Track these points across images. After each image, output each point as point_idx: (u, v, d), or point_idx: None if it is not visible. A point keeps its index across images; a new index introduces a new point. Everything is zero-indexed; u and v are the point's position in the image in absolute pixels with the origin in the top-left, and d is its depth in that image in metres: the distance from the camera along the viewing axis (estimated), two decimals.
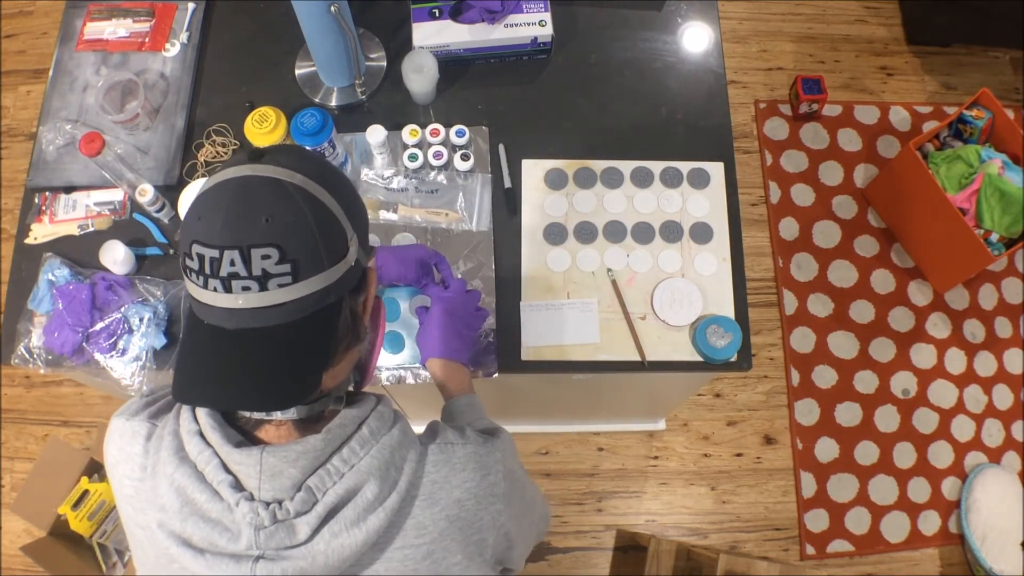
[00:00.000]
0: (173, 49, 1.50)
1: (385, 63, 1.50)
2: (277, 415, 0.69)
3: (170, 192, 1.39)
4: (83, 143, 1.25)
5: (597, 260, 1.38)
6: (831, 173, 2.47)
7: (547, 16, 1.46)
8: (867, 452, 2.19)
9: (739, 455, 2.20)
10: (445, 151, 1.41)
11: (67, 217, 1.39)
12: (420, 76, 1.39)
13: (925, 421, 2.22)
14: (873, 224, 2.41)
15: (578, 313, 1.34)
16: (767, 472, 2.18)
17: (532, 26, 1.45)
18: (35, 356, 1.30)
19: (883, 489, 2.16)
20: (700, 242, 1.39)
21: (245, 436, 0.70)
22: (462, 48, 1.47)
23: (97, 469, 2.01)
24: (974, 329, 2.31)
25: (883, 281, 2.35)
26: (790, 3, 2.71)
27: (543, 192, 1.42)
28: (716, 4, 1.57)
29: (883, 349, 2.28)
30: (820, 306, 2.32)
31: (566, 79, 1.51)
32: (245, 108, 1.43)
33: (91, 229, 1.38)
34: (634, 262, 1.37)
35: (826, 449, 2.19)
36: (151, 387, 0.80)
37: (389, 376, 1.30)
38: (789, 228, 2.40)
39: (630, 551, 2.10)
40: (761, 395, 2.25)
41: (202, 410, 0.70)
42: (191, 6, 1.54)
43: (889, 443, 2.20)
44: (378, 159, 1.41)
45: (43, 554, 1.88)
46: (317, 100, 1.47)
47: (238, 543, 0.66)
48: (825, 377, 2.25)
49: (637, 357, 1.32)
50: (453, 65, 1.49)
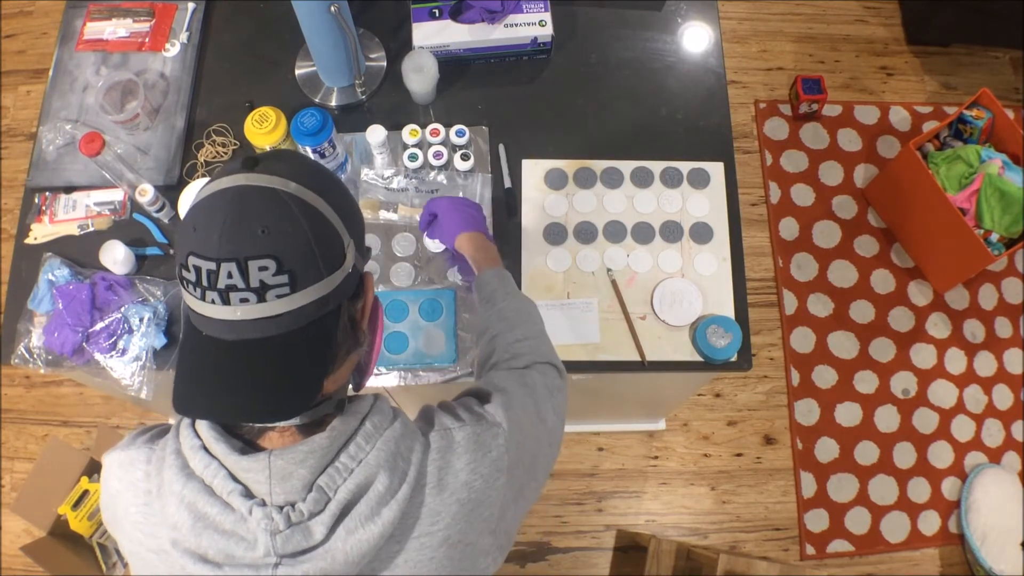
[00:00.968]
0: (173, 49, 1.50)
1: (385, 63, 1.50)
2: (279, 423, 0.69)
3: (170, 192, 1.39)
4: (83, 143, 1.25)
5: (597, 260, 1.38)
6: (831, 173, 2.47)
7: (547, 16, 1.46)
8: (867, 452, 2.19)
9: (739, 455, 2.20)
10: (445, 151, 1.41)
11: (67, 217, 1.39)
12: (420, 76, 1.39)
13: (925, 421, 2.22)
14: (873, 224, 2.41)
15: (578, 313, 1.34)
16: (767, 472, 2.18)
17: (532, 26, 1.45)
18: (35, 356, 1.30)
19: (883, 489, 2.16)
20: (700, 242, 1.39)
21: (249, 445, 0.70)
22: (462, 48, 1.47)
23: (97, 469, 2.01)
24: (974, 329, 2.31)
25: (883, 281, 2.35)
26: (790, 3, 2.71)
27: (543, 192, 1.42)
28: (716, 4, 1.57)
29: (883, 349, 2.28)
30: (820, 306, 2.32)
31: (566, 79, 1.51)
32: (245, 108, 1.43)
33: (91, 229, 1.38)
34: (634, 262, 1.37)
35: (826, 449, 2.19)
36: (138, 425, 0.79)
37: (397, 377, 1.30)
38: (789, 228, 2.40)
39: (630, 551, 2.10)
40: (761, 395, 2.25)
41: (203, 424, 0.70)
42: (191, 6, 1.54)
43: (889, 443, 2.20)
44: (378, 159, 1.41)
45: (43, 554, 1.88)
46: (317, 100, 1.47)
47: (255, 551, 0.66)
48: (825, 377, 2.25)
49: (637, 357, 1.32)
50: (453, 65, 1.49)
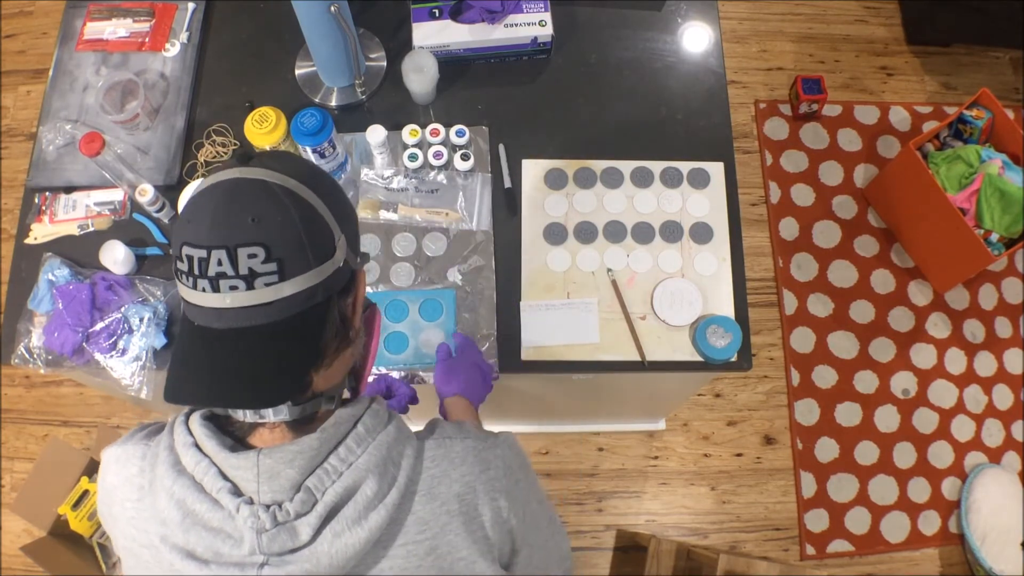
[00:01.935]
0: (173, 49, 1.50)
1: (385, 63, 1.50)
2: (269, 416, 0.69)
3: (170, 192, 1.39)
4: (83, 143, 1.25)
5: (597, 260, 1.38)
6: (831, 173, 2.47)
7: (547, 16, 1.46)
8: (867, 452, 2.19)
9: (739, 455, 2.20)
10: (445, 151, 1.41)
11: (67, 217, 1.39)
12: (420, 76, 1.39)
13: (925, 421, 2.22)
14: (873, 224, 2.41)
15: (578, 313, 1.34)
16: (767, 472, 2.18)
17: (532, 26, 1.45)
18: (35, 356, 1.30)
19: (883, 489, 2.16)
20: (700, 242, 1.39)
21: (239, 443, 0.70)
22: (462, 48, 1.47)
23: (97, 469, 2.01)
24: (974, 329, 2.31)
25: (883, 281, 2.35)
26: (790, 3, 2.71)
27: (543, 192, 1.42)
28: (716, 4, 1.57)
29: (883, 349, 2.28)
30: (820, 306, 2.32)
31: (566, 79, 1.51)
32: (245, 108, 1.43)
33: (91, 229, 1.38)
34: (634, 262, 1.37)
35: (826, 449, 2.19)
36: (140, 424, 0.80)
37: (397, 377, 1.30)
38: (789, 228, 2.40)
39: (630, 551, 2.10)
40: (761, 395, 2.25)
41: (196, 421, 0.70)
42: (191, 6, 1.54)
43: (889, 443, 2.20)
44: (378, 159, 1.41)
45: (43, 554, 1.87)
46: (317, 100, 1.47)
47: (242, 549, 0.66)
48: (825, 377, 2.25)
49: (637, 357, 1.32)
50: (453, 65, 1.49)
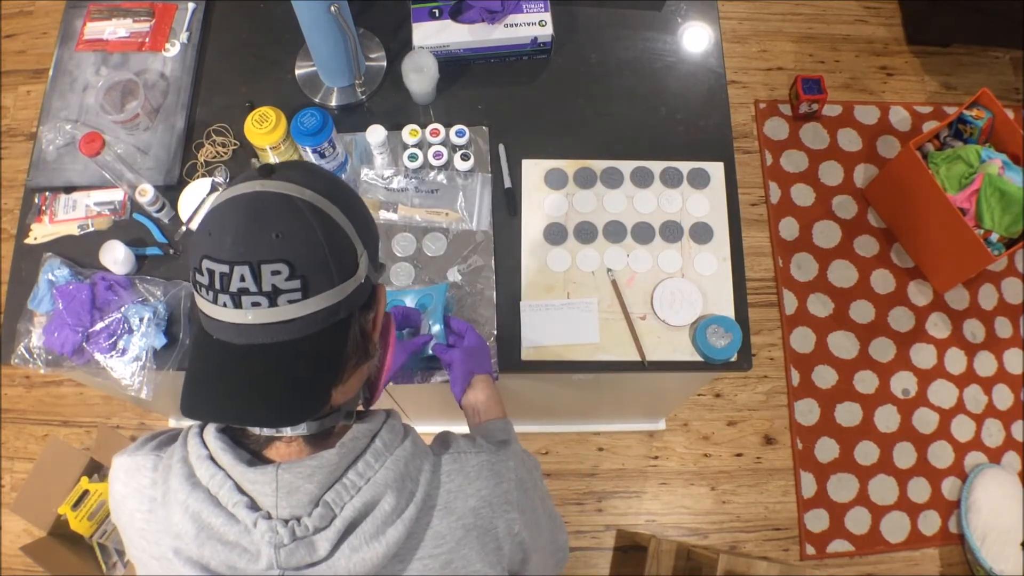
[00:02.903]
0: (173, 49, 1.50)
1: (385, 63, 1.50)
2: (287, 432, 0.69)
3: (170, 192, 1.39)
4: (83, 143, 1.25)
5: (597, 260, 1.38)
6: (831, 173, 2.47)
7: (547, 16, 1.46)
8: (867, 452, 2.19)
9: (739, 455, 2.20)
10: (445, 151, 1.41)
11: (67, 217, 1.39)
12: (420, 76, 1.39)
13: (925, 421, 2.22)
14: (873, 224, 2.41)
15: (578, 313, 1.34)
16: (767, 472, 2.18)
17: (532, 26, 1.45)
18: (35, 356, 1.30)
19: (883, 489, 2.16)
20: (700, 242, 1.39)
21: (255, 456, 0.70)
22: (462, 48, 1.47)
23: (97, 469, 2.01)
24: (974, 329, 2.31)
25: (883, 281, 2.35)
26: (790, 3, 2.71)
27: (543, 192, 1.42)
28: (716, 4, 1.57)
29: (883, 349, 2.28)
30: (820, 306, 2.32)
31: (566, 79, 1.51)
32: (245, 108, 1.43)
33: (91, 229, 1.38)
34: (634, 262, 1.37)
35: (826, 449, 2.19)
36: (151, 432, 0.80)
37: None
38: (789, 228, 2.40)
39: (630, 551, 2.10)
40: (761, 395, 2.25)
41: (211, 433, 0.70)
42: (191, 6, 1.54)
43: (889, 443, 2.20)
44: (378, 159, 1.41)
45: (43, 554, 1.87)
46: (317, 100, 1.47)
47: (258, 563, 0.66)
48: (825, 377, 2.25)
49: (637, 357, 1.32)
50: (453, 65, 1.49)
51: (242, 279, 0.63)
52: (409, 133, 1.42)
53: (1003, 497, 2.11)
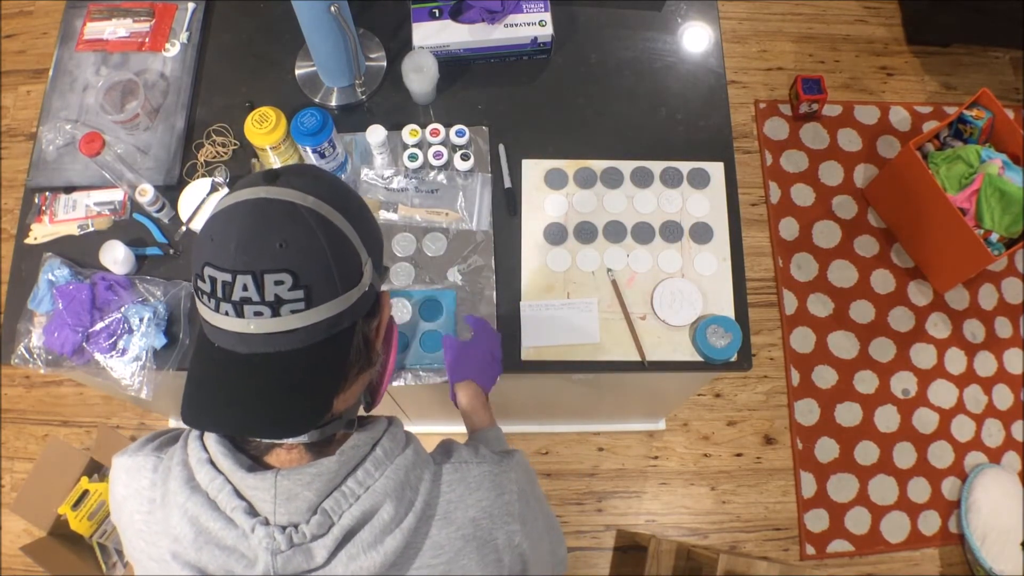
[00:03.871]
0: (173, 49, 1.50)
1: (385, 63, 1.50)
2: (288, 439, 0.68)
3: (170, 192, 1.39)
4: (83, 143, 1.25)
5: (597, 260, 1.37)
6: (831, 173, 2.47)
7: (547, 16, 1.46)
8: (867, 452, 2.19)
9: (739, 455, 2.20)
10: (445, 151, 1.41)
11: (67, 217, 1.39)
12: (420, 76, 1.39)
13: (925, 421, 2.22)
14: (873, 224, 2.41)
15: (578, 313, 1.34)
16: (767, 472, 2.18)
17: (532, 26, 1.45)
18: (35, 356, 1.30)
19: (883, 489, 2.16)
20: (700, 242, 1.39)
21: (255, 462, 0.69)
22: (462, 48, 1.47)
23: (97, 469, 2.01)
24: (974, 329, 2.31)
25: (883, 281, 2.35)
26: (790, 3, 2.71)
27: (543, 192, 1.42)
28: (716, 4, 1.57)
29: (883, 349, 2.28)
30: (820, 306, 2.32)
31: (566, 79, 1.51)
32: (245, 108, 1.43)
33: (91, 229, 1.38)
34: (634, 262, 1.37)
35: (826, 449, 2.19)
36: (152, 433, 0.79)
37: (397, 377, 1.29)
38: (789, 228, 2.40)
39: (630, 551, 2.10)
40: (761, 395, 2.25)
41: (211, 438, 0.69)
42: (191, 6, 1.54)
43: (889, 443, 2.20)
44: (378, 159, 1.41)
45: (43, 554, 1.88)
46: (317, 100, 1.47)
47: (255, 569, 0.66)
48: (825, 377, 2.25)
49: (637, 357, 1.32)
50: (453, 65, 1.49)
51: (245, 288, 0.62)
52: (409, 133, 1.42)
53: (1003, 497, 2.11)
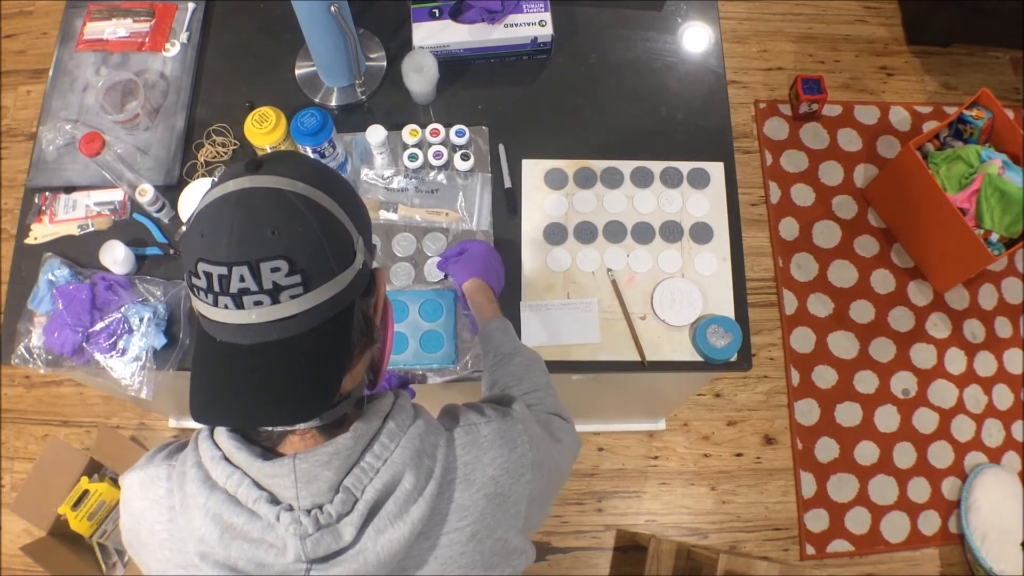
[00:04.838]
0: (173, 49, 1.50)
1: (385, 63, 1.50)
2: (301, 425, 0.68)
3: (170, 192, 1.39)
4: (83, 143, 1.25)
5: (597, 260, 1.38)
6: (831, 173, 2.47)
7: (547, 16, 1.46)
8: (867, 452, 2.19)
9: (739, 455, 2.20)
10: (445, 151, 1.41)
11: (67, 217, 1.39)
12: (420, 76, 1.39)
13: (925, 421, 2.22)
14: (873, 224, 2.41)
15: (578, 313, 1.34)
16: (767, 472, 2.18)
17: (532, 26, 1.45)
18: (35, 356, 1.30)
19: (883, 489, 2.16)
20: (700, 242, 1.39)
21: (269, 452, 0.69)
22: (462, 48, 1.47)
23: (97, 469, 2.01)
24: (974, 329, 2.31)
25: (883, 281, 2.35)
26: (790, 3, 2.71)
27: (543, 192, 1.42)
28: (716, 4, 1.57)
29: (883, 349, 2.28)
30: (820, 306, 2.32)
31: (566, 79, 1.51)
32: (245, 108, 1.43)
33: (91, 229, 1.38)
34: (634, 262, 1.37)
35: (826, 449, 2.19)
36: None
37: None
38: (789, 228, 2.40)
39: (630, 551, 2.10)
40: (761, 395, 2.25)
41: (222, 435, 0.69)
42: (191, 6, 1.54)
43: (889, 443, 2.20)
44: (378, 159, 1.41)
45: (43, 554, 1.88)
46: (317, 100, 1.47)
47: (286, 557, 0.65)
48: (825, 377, 2.25)
49: (637, 357, 1.32)
50: (453, 65, 1.49)
51: (242, 279, 0.62)
52: (409, 133, 1.42)
53: (1003, 497, 2.11)
